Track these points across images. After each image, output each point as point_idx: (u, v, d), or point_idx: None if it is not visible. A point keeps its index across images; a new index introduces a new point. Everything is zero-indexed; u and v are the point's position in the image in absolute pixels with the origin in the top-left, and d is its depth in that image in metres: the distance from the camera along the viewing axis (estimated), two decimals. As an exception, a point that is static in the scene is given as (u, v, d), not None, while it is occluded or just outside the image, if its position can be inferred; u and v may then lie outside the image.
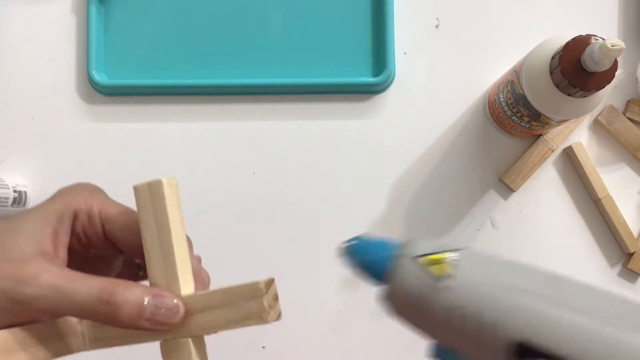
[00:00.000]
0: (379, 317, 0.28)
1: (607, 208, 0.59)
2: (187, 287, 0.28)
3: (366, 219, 0.60)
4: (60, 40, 0.61)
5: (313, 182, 0.60)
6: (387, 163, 0.61)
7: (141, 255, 0.29)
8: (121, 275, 0.34)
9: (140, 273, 0.34)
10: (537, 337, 0.24)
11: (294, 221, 0.60)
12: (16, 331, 0.28)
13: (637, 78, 0.60)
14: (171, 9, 0.61)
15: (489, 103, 0.60)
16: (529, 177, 0.60)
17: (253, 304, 0.27)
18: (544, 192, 0.61)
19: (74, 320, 0.30)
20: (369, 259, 0.28)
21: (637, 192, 0.61)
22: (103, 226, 0.30)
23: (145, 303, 0.27)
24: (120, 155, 0.60)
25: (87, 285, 0.27)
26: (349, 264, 0.29)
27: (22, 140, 0.60)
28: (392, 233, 0.60)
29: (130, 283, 0.28)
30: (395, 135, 0.61)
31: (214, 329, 0.28)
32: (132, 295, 0.27)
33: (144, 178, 0.62)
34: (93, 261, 0.32)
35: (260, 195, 0.60)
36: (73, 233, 0.30)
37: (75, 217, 0.30)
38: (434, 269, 0.26)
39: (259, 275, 0.66)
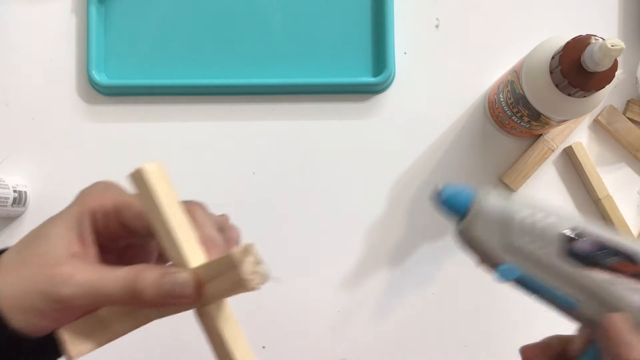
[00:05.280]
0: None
1: (607, 208, 0.59)
2: (197, 258, 0.30)
3: (366, 219, 0.60)
4: (60, 40, 0.61)
5: (313, 182, 0.60)
6: (387, 163, 0.61)
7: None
8: (161, 256, 0.36)
9: None
10: (583, 225, 0.36)
11: (294, 221, 0.60)
12: (86, 319, 0.31)
13: (637, 78, 0.60)
14: (171, 9, 0.61)
15: (489, 103, 0.60)
16: (529, 177, 0.60)
17: (235, 274, 0.27)
18: (544, 192, 0.61)
19: None
20: (456, 197, 0.38)
21: (637, 192, 0.61)
22: (121, 220, 0.32)
23: (162, 283, 0.29)
24: (120, 155, 0.60)
25: (115, 277, 0.29)
26: (439, 203, 0.38)
27: (22, 140, 0.60)
28: (392, 233, 0.60)
29: (149, 267, 0.30)
30: (395, 135, 0.61)
31: (221, 296, 0.29)
32: (150, 278, 0.29)
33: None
34: (129, 251, 0.34)
35: (260, 195, 0.60)
36: (97, 231, 0.32)
37: (93, 217, 0.32)
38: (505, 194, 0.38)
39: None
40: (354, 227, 0.60)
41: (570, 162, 0.61)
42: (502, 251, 0.38)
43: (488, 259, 0.39)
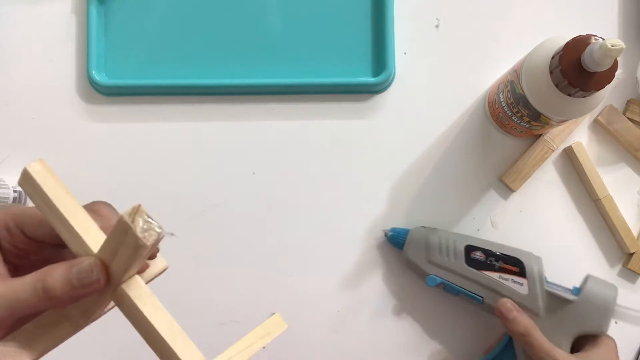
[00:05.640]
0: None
1: (607, 208, 0.59)
2: (99, 245, 0.30)
3: (366, 219, 0.60)
4: (60, 40, 0.61)
5: (313, 182, 0.60)
6: (387, 163, 0.61)
7: None
8: None
9: None
10: (473, 242, 0.55)
11: (294, 221, 0.60)
12: (12, 336, 0.30)
13: (637, 78, 0.60)
14: (171, 8, 0.61)
15: (489, 103, 0.60)
16: (529, 177, 0.60)
17: (131, 236, 0.27)
18: (544, 192, 0.61)
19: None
20: (398, 235, 0.58)
21: (637, 192, 0.61)
22: (25, 233, 0.32)
23: (70, 275, 0.29)
24: (120, 155, 0.60)
25: (23, 282, 0.29)
26: (388, 241, 0.59)
27: (22, 140, 0.60)
28: (392, 233, 0.60)
29: (55, 265, 0.30)
30: (395, 135, 0.61)
31: (128, 269, 0.29)
32: (58, 274, 0.29)
33: (143, 178, 0.62)
34: (43, 264, 0.34)
35: (260, 195, 0.60)
36: (5, 250, 0.32)
37: None
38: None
39: (257, 277, 0.66)
40: (354, 226, 0.60)
41: (570, 162, 0.61)
42: (427, 266, 0.55)
43: (420, 272, 0.56)
